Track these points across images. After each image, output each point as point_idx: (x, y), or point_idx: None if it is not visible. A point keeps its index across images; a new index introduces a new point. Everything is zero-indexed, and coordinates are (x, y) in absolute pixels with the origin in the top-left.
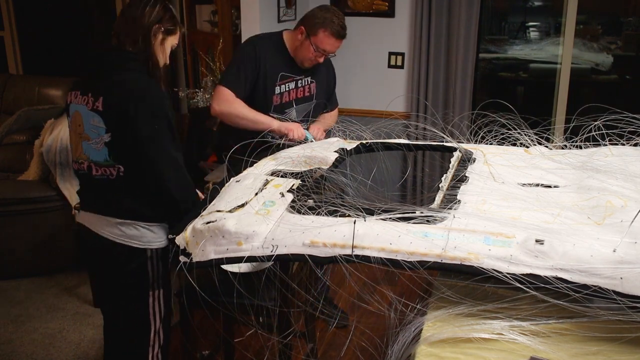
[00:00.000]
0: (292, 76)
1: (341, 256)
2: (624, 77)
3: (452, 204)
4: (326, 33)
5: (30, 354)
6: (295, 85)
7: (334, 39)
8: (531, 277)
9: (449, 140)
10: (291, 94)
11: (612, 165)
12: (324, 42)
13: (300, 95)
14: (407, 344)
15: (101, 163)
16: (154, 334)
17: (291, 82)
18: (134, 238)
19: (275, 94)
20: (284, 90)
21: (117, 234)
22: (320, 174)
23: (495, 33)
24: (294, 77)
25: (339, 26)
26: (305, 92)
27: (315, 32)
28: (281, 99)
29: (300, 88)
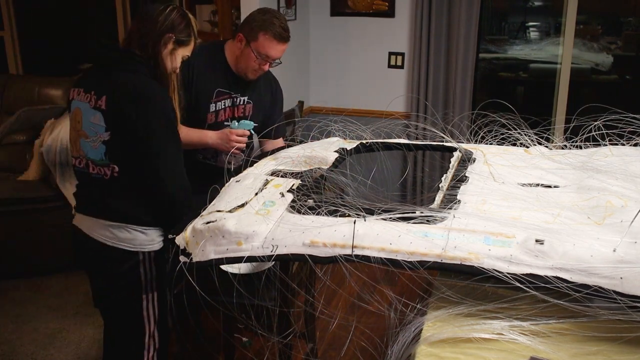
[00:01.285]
0: (229, 93)
1: (341, 256)
2: (624, 77)
3: (452, 204)
4: (267, 36)
5: (30, 354)
6: (232, 103)
7: (275, 42)
8: (531, 277)
9: (449, 140)
10: (227, 112)
11: (612, 165)
12: (266, 47)
13: (237, 115)
14: (407, 344)
15: (97, 162)
16: (148, 337)
17: (227, 99)
18: (125, 241)
19: (209, 112)
20: (220, 108)
21: (108, 236)
22: (320, 174)
23: (495, 33)
24: (230, 94)
25: (280, 28)
26: (240, 111)
27: (255, 37)
28: (216, 117)
29: (237, 107)
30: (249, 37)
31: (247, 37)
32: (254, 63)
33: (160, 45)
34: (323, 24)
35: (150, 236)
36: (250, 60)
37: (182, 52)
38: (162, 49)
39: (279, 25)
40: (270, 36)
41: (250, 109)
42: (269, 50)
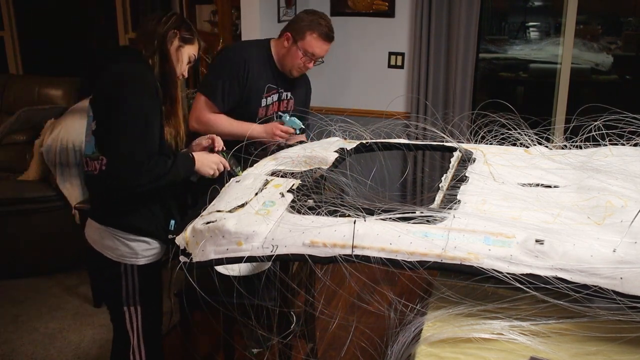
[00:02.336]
0: (276, 88)
1: (341, 256)
2: (624, 77)
3: (452, 204)
4: (314, 35)
5: (30, 354)
6: (279, 98)
7: (322, 42)
8: (531, 277)
9: (449, 140)
10: (274, 107)
11: (612, 165)
12: (313, 46)
13: (282, 109)
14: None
15: (91, 156)
16: (132, 350)
17: (275, 95)
18: (108, 249)
19: (261, 107)
20: (270, 103)
21: (95, 240)
22: (320, 174)
23: (495, 33)
24: (277, 90)
25: (326, 28)
26: (284, 106)
27: (303, 36)
28: (266, 111)
29: (282, 102)
30: (296, 36)
31: (295, 36)
32: (300, 61)
33: (167, 40)
34: None
35: (133, 249)
36: (297, 58)
37: (187, 50)
38: (169, 44)
39: (325, 25)
40: (317, 35)
41: (292, 104)
42: (315, 48)
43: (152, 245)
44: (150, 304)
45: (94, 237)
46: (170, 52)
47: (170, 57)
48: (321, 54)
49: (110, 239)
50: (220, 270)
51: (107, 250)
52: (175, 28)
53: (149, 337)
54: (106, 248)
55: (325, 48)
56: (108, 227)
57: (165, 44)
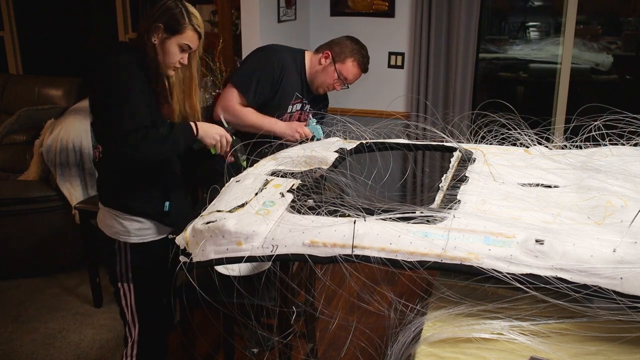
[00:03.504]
0: (301, 98)
1: (341, 256)
2: (624, 77)
3: (452, 204)
4: (355, 63)
5: (30, 354)
6: (301, 108)
7: (359, 70)
8: (531, 277)
9: (449, 140)
10: (295, 116)
11: (612, 165)
12: (350, 72)
13: (301, 119)
14: (407, 344)
15: (94, 146)
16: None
17: (299, 104)
18: (105, 226)
19: (287, 112)
20: (294, 111)
21: (100, 218)
22: (320, 174)
23: (495, 33)
24: (302, 100)
25: (366, 59)
26: (305, 116)
27: (344, 60)
28: (289, 118)
29: (304, 112)
30: (337, 57)
31: (335, 57)
32: (332, 81)
33: (150, 34)
34: (323, 24)
35: (126, 227)
36: (330, 78)
37: (176, 41)
38: (152, 37)
39: (365, 56)
40: (357, 64)
41: (310, 115)
42: (350, 75)
43: (145, 225)
44: (143, 282)
45: (100, 217)
46: (155, 46)
47: (153, 50)
48: (353, 81)
49: (108, 217)
50: (220, 270)
51: (105, 227)
52: (158, 20)
53: (142, 314)
54: (105, 226)
55: (358, 77)
56: (106, 207)
57: (149, 38)
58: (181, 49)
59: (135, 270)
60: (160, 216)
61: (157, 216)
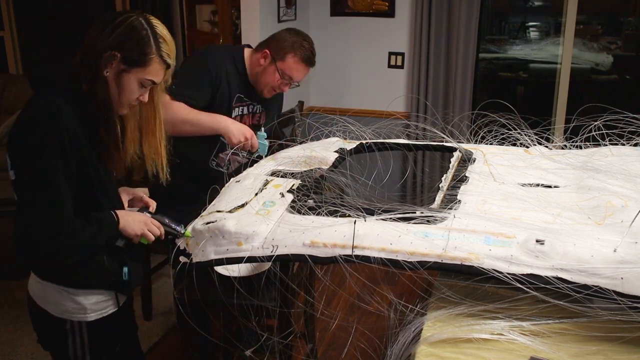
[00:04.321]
0: (246, 101)
1: (341, 256)
2: (624, 77)
3: (452, 204)
4: (295, 58)
5: (30, 354)
6: (248, 111)
7: (303, 66)
8: (532, 277)
9: (449, 140)
10: (244, 120)
11: (612, 165)
12: (292, 69)
13: (250, 123)
14: (407, 344)
15: None
16: None
17: (244, 107)
18: (49, 303)
19: (233, 116)
20: (238, 114)
21: (36, 292)
22: (320, 174)
23: (495, 33)
24: (247, 102)
25: (309, 52)
26: (254, 120)
27: (283, 57)
28: None
29: (251, 115)
30: (276, 55)
31: (275, 55)
32: (276, 82)
33: (101, 65)
34: (323, 24)
35: (80, 303)
36: (273, 79)
37: (136, 76)
38: (104, 69)
39: (308, 49)
40: (299, 59)
41: (263, 118)
42: (295, 72)
43: (104, 297)
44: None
45: (35, 290)
46: (107, 79)
47: (105, 86)
48: (299, 79)
49: (52, 293)
50: (220, 270)
51: (48, 305)
52: (116, 47)
53: None
54: (47, 303)
55: (304, 72)
56: (48, 282)
57: (99, 69)
58: (142, 84)
59: (93, 352)
60: (120, 286)
61: (116, 286)
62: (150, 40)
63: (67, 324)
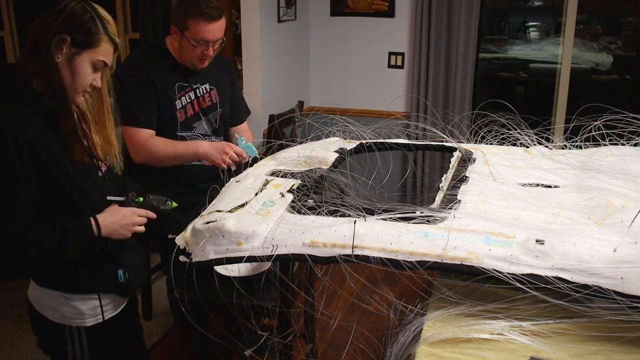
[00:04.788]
0: (189, 85)
1: (341, 256)
2: (624, 77)
3: (452, 204)
4: (196, 21)
5: (30, 354)
6: (196, 95)
7: (208, 24)
8: (532, 277)
9: (449, 140)
10: (195, 106)
11: (612, 165)
12: (199, 32)
13: (205, 105)
14: (407, 344)
15: None
16: None
17: (190, 92)
18: (48, 309)
19: (177, 109)
20: (186, 103)
21: (35, 298)
22: (320, 174)
23: (495, 33)
24: (191, 86)
25: (207, 8)
26: (207, 101)
27: (186, 25)
28: (185, 113)
29: (201, 97)
30: (181, 27)
31: (180, 27)
32: (196, 52)
33: (51, 50)
34: (323, 24)
35: (78, 309)
36: (191, 50)
37: (88, 57)
38: (55, 55)
39: (205, 6)
40: (200, 19)
41: (216, 95)
42: (204, 33)
43: (102, 301)
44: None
45: (34, 296)
46: (58, 66)
47: (55, 73)
48: (214, 37)
49: (50, 298)
50: (220, 270)
51: (46, 310)
52: (63, 30)
53: None
54: (45, 308)
55: (215, 28)
56: (45, 288)
57: (50, 56)
58: (94, 67)
59: (93, 357)
60: (117, 289)
61: (113, 289)
62: (96, 21)
63: (65, 330)
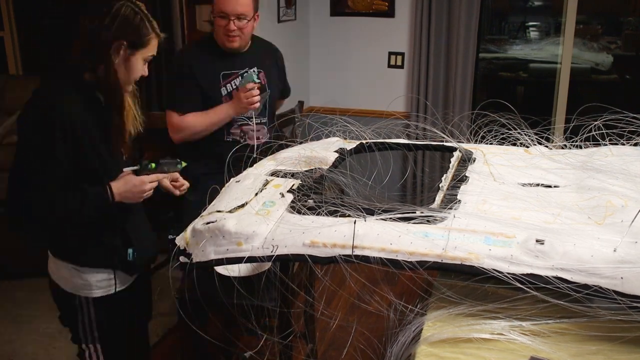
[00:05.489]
0: (234, 72)
1: (341, 256)
2: (624, 77)
3: (452, 204)
4: None
5: (31, 354)
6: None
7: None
8: (532, 277)
9: (449, 140)
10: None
11: (612, 165)
12: (219, 2)
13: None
14: (407, 344)
15: None
16: None
17: (237, 79)
18: (61, 279)
19: (223, 96)
20: (232, 89)
21: (52, 269)
22: (320, 174)
23: (495, 33)
24: (237, 72)
25: None
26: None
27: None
28: (231, 98)
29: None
30: (212, 4)
31: (212, 6)
32: (221, 27)
33: (111, 53)
34: (323, 24)
35: (87, 280)
36: (218, 27)
37: (141, 55)
38: (114, 56)
39: None
40: None
41: (263, 77)
42: (222, 5)
43: (109, 275)
44: (112, 341)
45: (52, 267)
46: (116, 65)
47: (113, 72)
48: (232, 10)
49: (64, 269)
50: (220, 270)
51: (61, 281)
52: (121, 36)
53: None
54: (60, 279)
55: (233, 1)
56: (60, 260)
57: (109, 61)
58: (145, 61)
59: (100, 328)
60: (124, 266)
61: (121, 266)
62: (145, 23)
63: (76, 300)
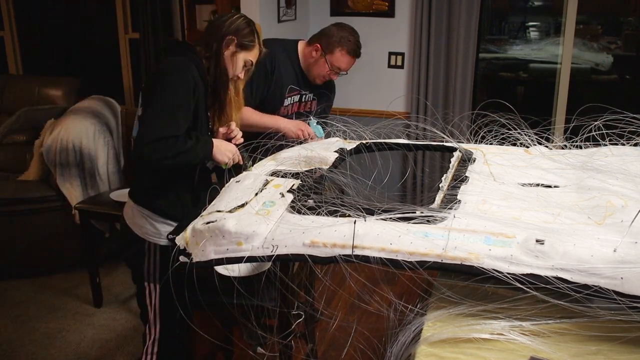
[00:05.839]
0: (298, 90)
1: (341, 256)
2: (624, 77)
3: (452, 204)
4: (343, 52)
5: (30, 354)
6: (300, 100)
7: (349, 58)
8: (532, 277)
9: (449, 140)
10: (294, 107)
11: (612, 165)
12: (340, 61)
13: (302, 110)
14: (407, 344)
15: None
16: (149, 324)
17: (296, 96)
18: (135, 225)
19: (283, 106)
20: (290, 103)
21: (128, 215)
22: (320, 174)
23: (495, 33)
24: (300, 91)
25: (355, 45)
26: (306, 107)
27: (332, 51)
28: (287, 110)
29: (303, 103)
30: (326, 49)
31: (324, 49)
32: (326, 72)
33: (223, 45)
34: (323, 24)
35: (158, 229)
36: (324, 70)
37: (243, 56)
38: (224, 49)
39: (354, 42)
40: (346, 52)
41: (315, 106)
42: (342, 64)
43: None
44: (168, 284)
45: (128, 214)
46: (224, 56)
47: (222, 61)
48: (346, 69)
49: (139, 217)
50: (220, 270)
51: (135, 226)
52: (234, 34)
53: (165, 314)
54: (135, 225)
55: (351, 63)
56: (138, 206)
57: (220, 48)
58: (245, 64)
59: (163, 272)
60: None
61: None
62: (254, 33)
63: (145, 244)
